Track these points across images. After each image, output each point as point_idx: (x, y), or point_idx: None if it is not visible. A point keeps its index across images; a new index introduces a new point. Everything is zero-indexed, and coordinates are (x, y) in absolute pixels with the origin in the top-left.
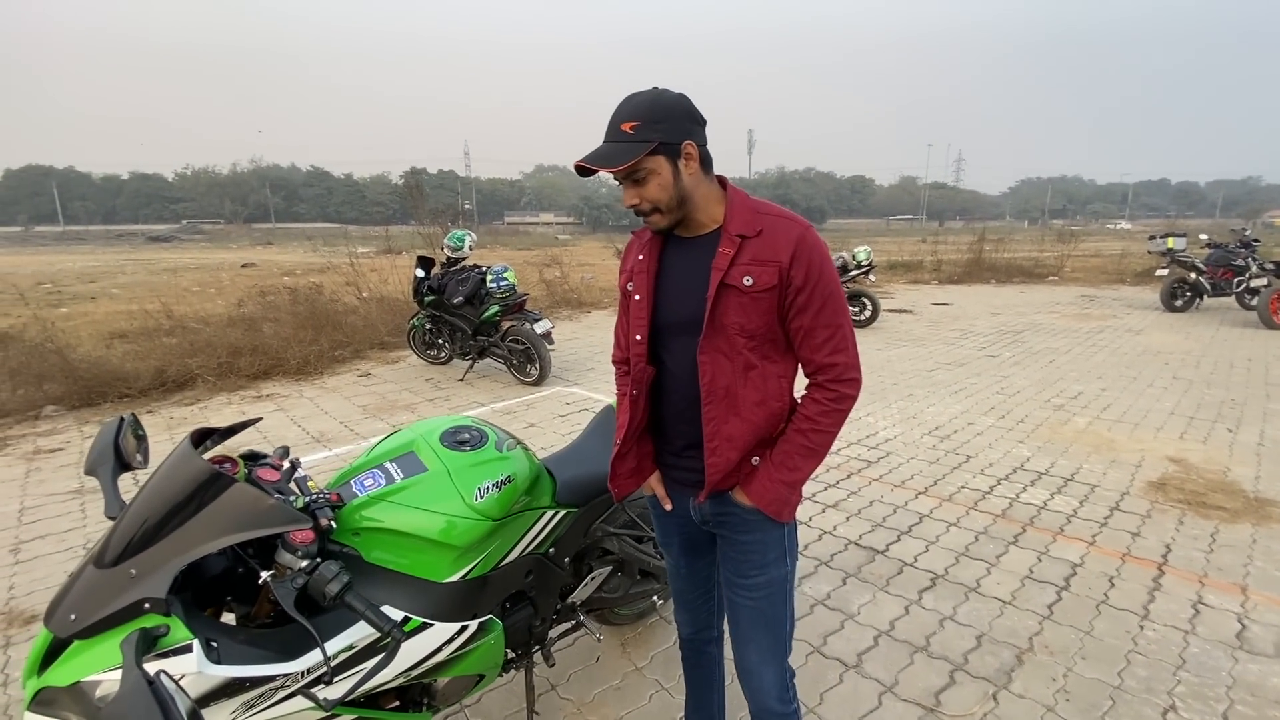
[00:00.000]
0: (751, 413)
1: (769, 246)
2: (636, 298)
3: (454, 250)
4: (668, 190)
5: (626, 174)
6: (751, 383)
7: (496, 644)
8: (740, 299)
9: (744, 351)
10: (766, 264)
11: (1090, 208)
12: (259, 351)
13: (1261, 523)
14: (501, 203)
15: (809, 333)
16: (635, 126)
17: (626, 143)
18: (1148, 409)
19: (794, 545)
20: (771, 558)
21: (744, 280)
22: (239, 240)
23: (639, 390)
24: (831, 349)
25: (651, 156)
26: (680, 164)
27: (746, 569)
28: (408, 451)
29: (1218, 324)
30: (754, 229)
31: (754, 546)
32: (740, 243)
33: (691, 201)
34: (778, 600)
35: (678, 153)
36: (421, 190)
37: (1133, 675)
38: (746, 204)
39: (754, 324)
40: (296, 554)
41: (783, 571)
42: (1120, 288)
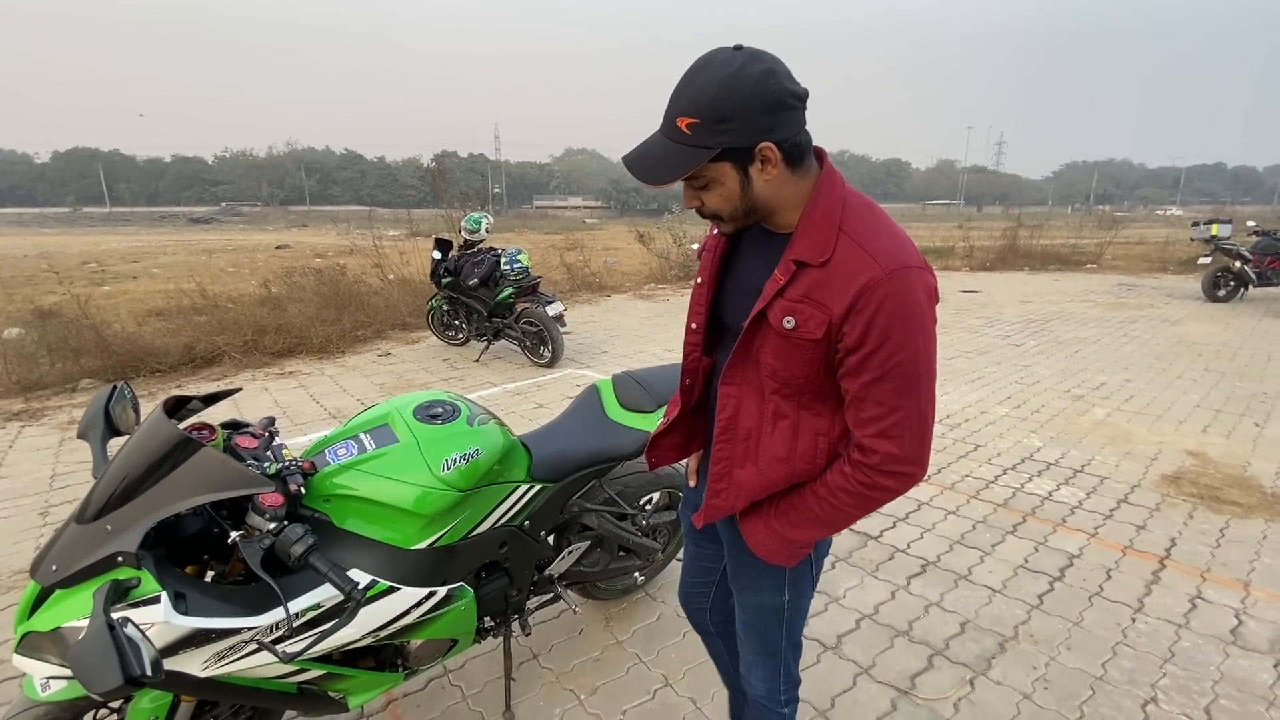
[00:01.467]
0: (771, 467)
1: (828, 284)
2: (698, 280)
3: (471, 233)
4: (731, 201)
5: (687, 179)
6: (780, 434)
7: (467, 611)
8: (779, 341)
9: (775, 396)
10: (818, 307)
11: (1139, 193)
12: (283, 330)
13: (1275, 518)
14: (531, 186)
15: (856, 401)
16: (693, 125)
17: (681, 145)
18: (1173, 401)
19: (802, 577)
20: (765, 584)
21: (785, 321)
22: (275, 222)
23: (693, 380)
24: (877, 431)
25: (713, 164)
26: (753, 170)
27: (740, 584)
28: (382, 423)
29: (1261, 315)
30: (821, 255)
31: (748, 567)
32: (796, 272)
33: (769, 207)
34: (771, 625)
35: (750, 157)
36: (445, 174)
37: (1117, 666)
38: (830, 217)
39: (791, 371)
40: (264, 516)
41: (778, 601)
42: (1162, 276)
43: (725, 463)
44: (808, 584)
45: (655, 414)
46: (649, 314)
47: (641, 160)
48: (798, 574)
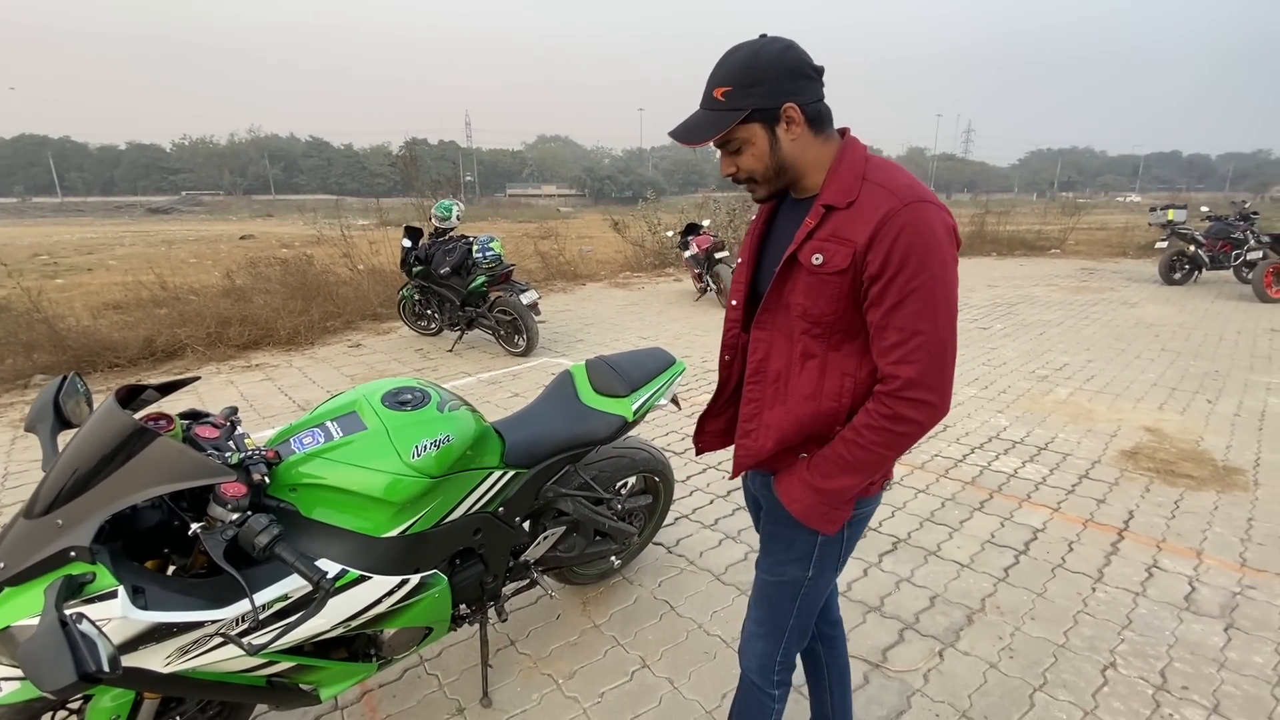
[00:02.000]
0: (799, 406)
1: (852, 221)
2: (739, 260)
3: (441, 220)
4: (763, 160)
5: (720, 141)
6: (807, 373)
7: (442, 598)
8: (808, 279)
9: (804, 337)
10: (843, 242)
11: (1100, 180)
12: (248, 322)
13: (1226, 490)
14: (503, 174)
15: (879, 331)
16: (727, 93)
17: (717, 111)
18: (1131, 380)
19: (829, 556)
20: (790, 557)
21: (813, 258)
22: (238, 212)
23: (731, 356)
24: (898, 357)
25: (745, 125)
26: (779, 130)
27: (767, 550)
28: (350, 411)
29: (1213, 297)
30: (846, 199)
31: (778, 537)
32: (825, 214)
33: (797, 168)
34: (786, 597)
35: (776, 118)
36: (416, 161)
37: (1078, 634)
38: (855, 169)
39: (820, 308)
40: (227, 507)
41: (801, 575)
42: (1122, 260)
43: (755, 404)
44: (832, 566)
45: (629, 398)
46: (624, 302)
47: (684, 128)
48: (825, 552)
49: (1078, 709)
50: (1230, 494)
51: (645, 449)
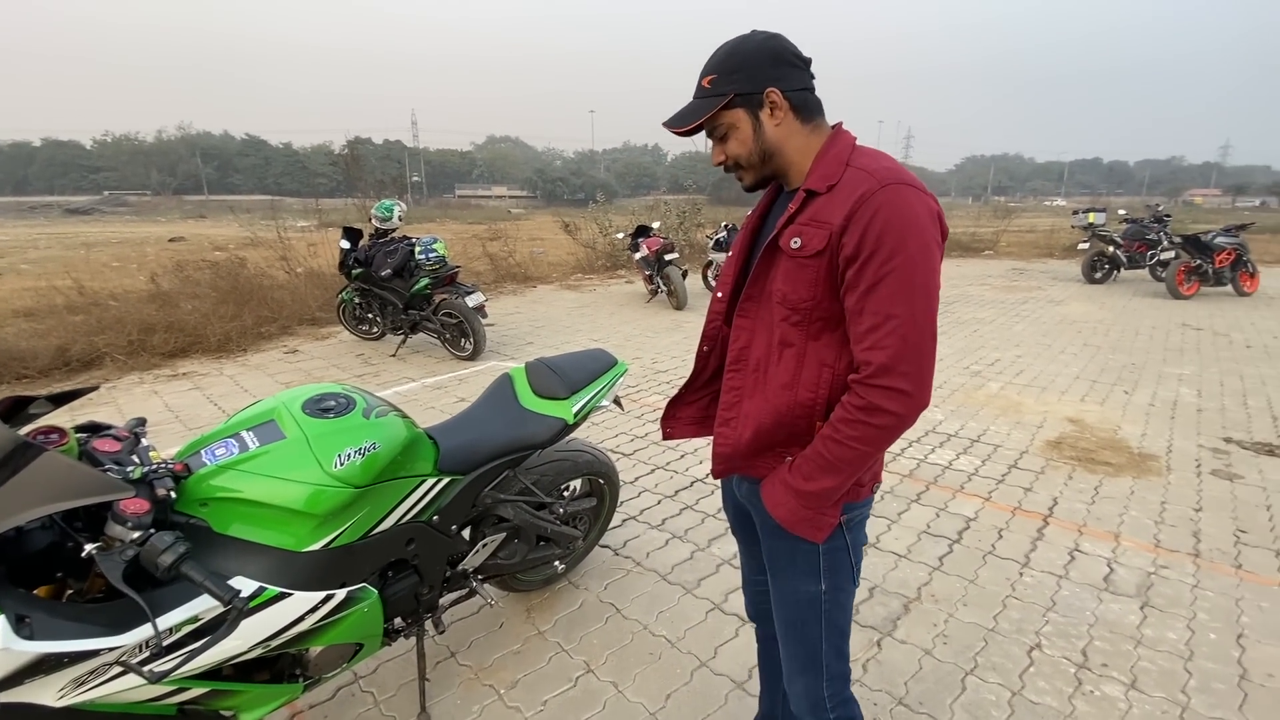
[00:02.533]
0: (777, 395)
1: (831, 205)
2: (730, 253)
3: (382, 221)
4: (747, 145)
5: (709, 131)
6: (785, 362)
7: (371, 612)
8: (788, 264)
9: (783, 324)
10: (821, 224)
11: (1029, 185)
12: (175, 328)
13: (1141, 475)
14: (452, 175)
15: (854, 316)
16: (713, 80)
17: (703, 99)
18: (1057, 374)
19: (839, 565)
20: (796, 571)
21: (791, 242)
22: (168, 213)
23: (710, 348)
24: (871, 343)
25: (729, 110)
26: (763, 115)
27: (774, 569)
28: (268, 420)
29: (1131, 294)
30: (827, 183)
31: (779, 552)
32: (806, 199)
33: (782, 155)
34: (809, 618)
35: (760, 103)
36: (359, 160)
37: (1007, 618)
38: (840, 156)
39: (799, 294)
40: (126, 525)
41: (813, 590)
42: (1049, 261)
43: (735, 392)
44: (846, 576)
45: (569, 400)
46: (576, 304)
47: (675, 116)
48: (834, 561)
49: (1006, 689)
50: (1145, 479)
51: (589, 451)
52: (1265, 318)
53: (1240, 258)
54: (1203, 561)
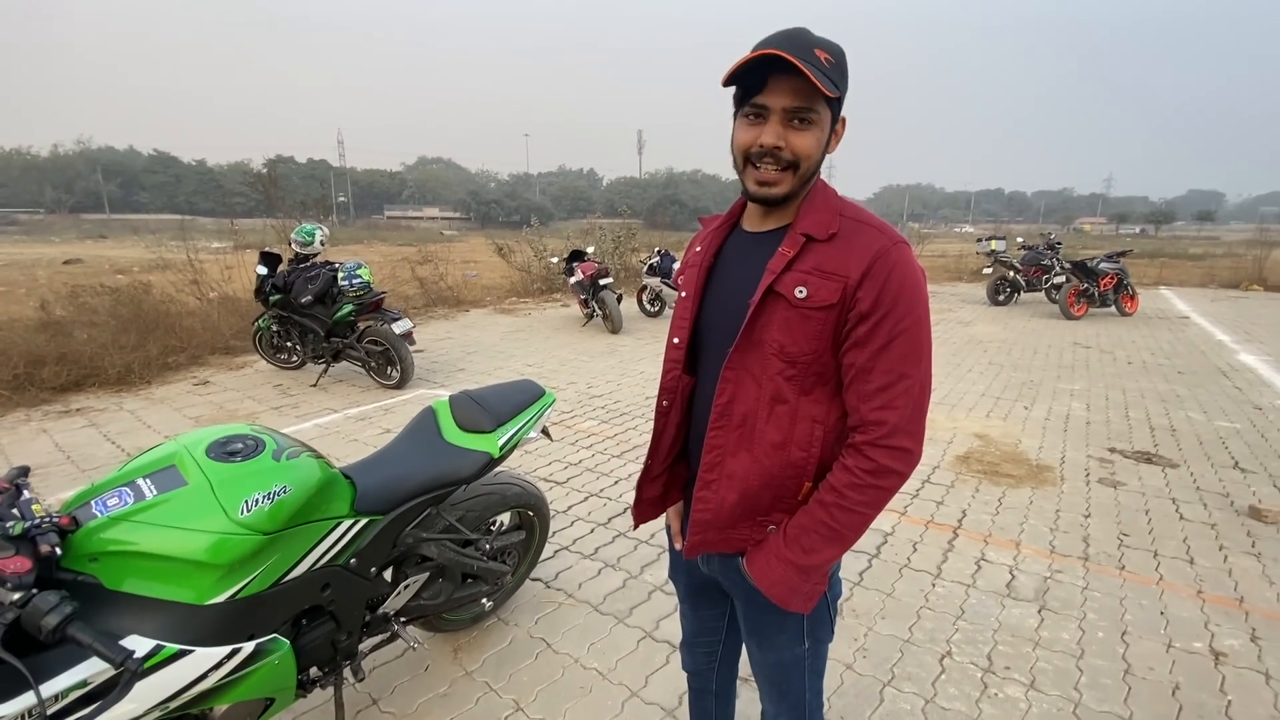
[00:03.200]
0: (767, 455)
1: (839, 256)
2: (682, 295)
3: (303, 245)
4: (818, 152)
5: (796, 108)
6: (776, 419)
7: (283, 664)
8: (788, 313)
9: (777, 378)
10: (830, 276)
11: (940, 212)
12: (69, 360)
13: (1039, 486)
14: (381, 195)
15: (862, 374)
16: (830, 63)
17: (819, 71)
18: (965, 391)
19: (820, 622)
20: (785, 637)
21: (796, 291)
22: (63, 232)
23: (670, 401)
24: (883, 402)
25: (827, 105)
26: (832, 133)
27: (755, 641)
28: (168, 465)
29: (1030, 315)
30: (827, 231)
31: (763, 623)
32: (805, 244)
33: (809, 182)
34: (794, 678)
35: (836, 119)
36: (276, 180)
37: (921, 628)
38: (829, 203)
39: (798, 347)
40: (6, 586)
41: (798, 652)
42: (958, 284)
43: (718, 451)
44: (826, 629)
45: (495, 434)
46: (510, 329)
47: (799, 55)
48: (815, 620)
49: (920, 698)
50: (1042, 489)
51: (517, 483)
52: (1144, 336)
53: (1121, 281)
54: (1091, 565)
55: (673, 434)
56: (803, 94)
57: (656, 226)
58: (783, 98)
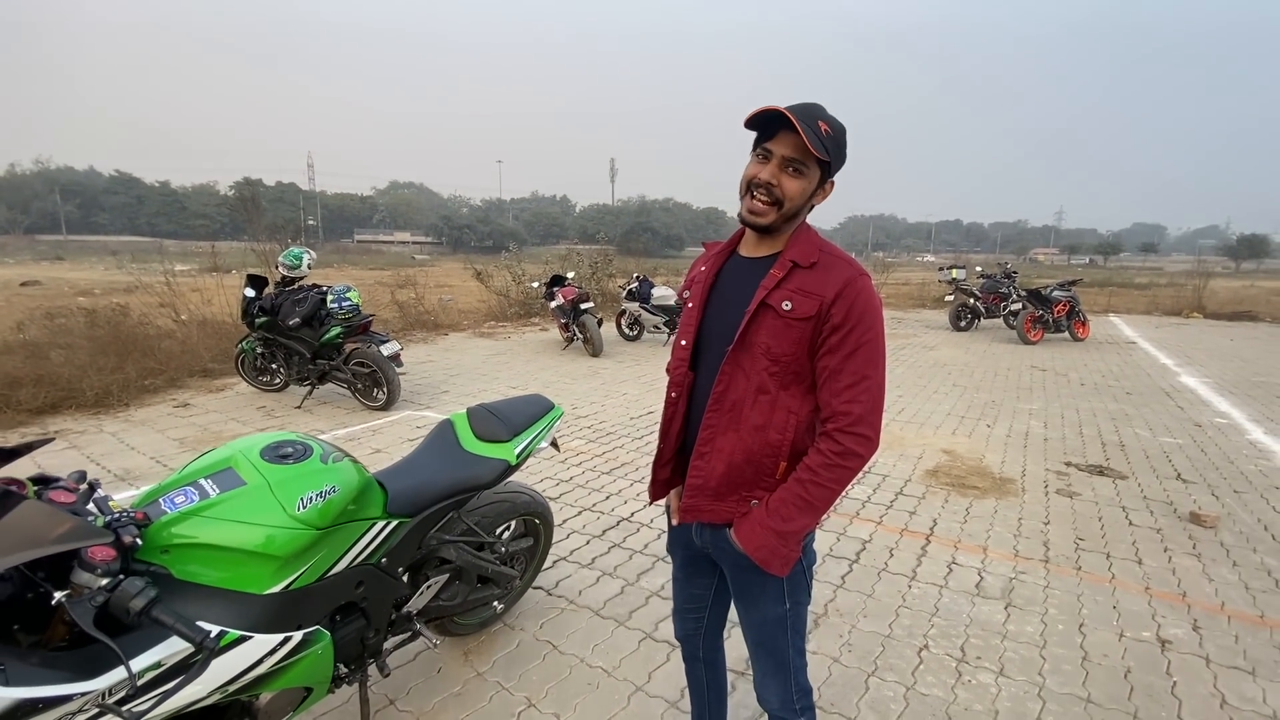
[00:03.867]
0: (750, 434)
1: (818, 280)
2: (689, 305)
3: (290, 269)
4: (801, 198)
5: (792, 158)
6: (760, 406)
7: (324, 655)
8: (775, 322)
9: (763, 374)
10: (810, 295)
11: (904, 242)
12: (44, 382)
13: (1002, 497)
14: (351, 219)
15: (833, 374)
16: (828, 134)
17: (819, 138)
18: (932, 411)
19: (798, 586)
20: (768, 598)
21: (783, 304)
22: (18, 254)
23: (678, 393)
24: (850, 396)
25: (818, 164)
26: (819, 190)
27: (743, 603)
28: (225, 468)
29: (990, 340)
30: (809, 260)
31: (748, 585)
32: (792, 269)
33: (792, 223)
34: (778, 635)
35: (824, 181)
36: (258, 203)
37: (900, 625)
38: (813, 239)
39: (781, 348)
40: (96, 572)
41: (780, 611)
42: (922, 311)
43: (711, 429)
44: (804, 592)
45: (511, 443)
46: (490, 352)
47: (805, 126)
48: (794, 583)
49: (901, 686)
50: (1005, 499)
51: (526, 492)
52: (1095, 359)
53: (1074, 308)
54: (1051, 566)
55: (680, 422)
56: (800, 149)
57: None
58: (784, 147)
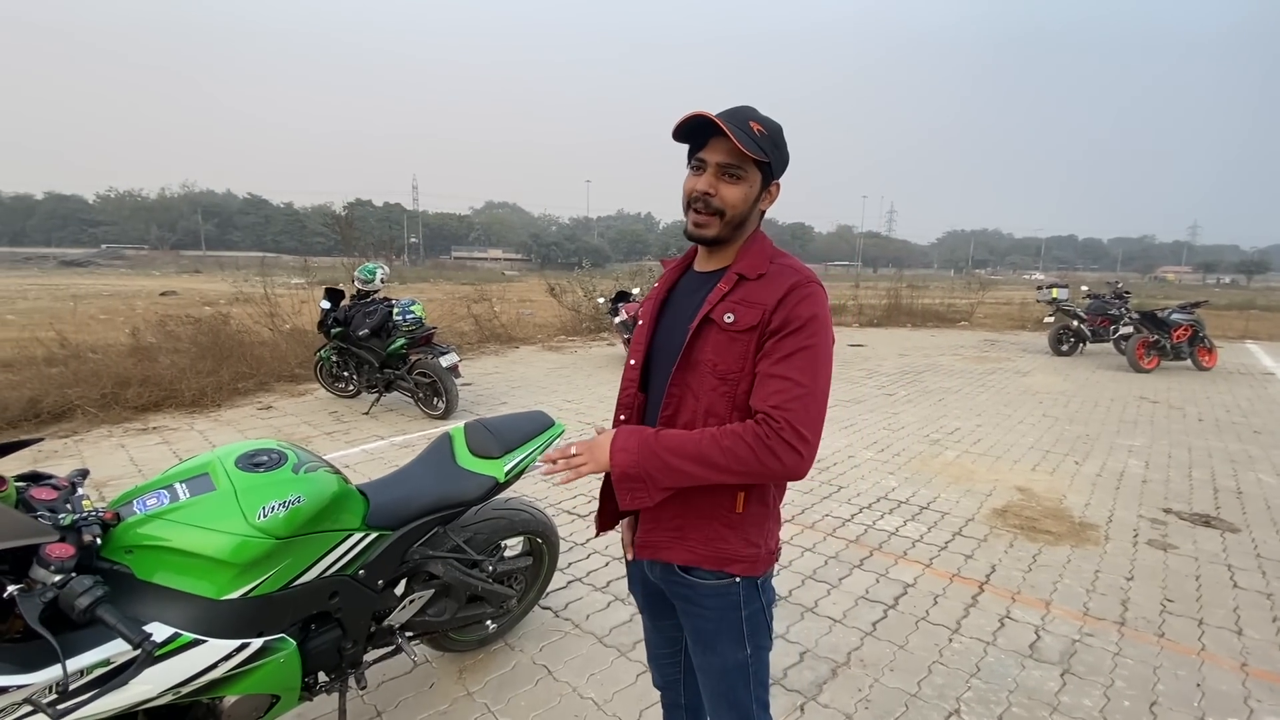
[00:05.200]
0: None
1: (763, 290)
2: (640, 323)
3: (365, 283)
4: (744, 205)
5: (727, 164)
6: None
7: (288, 663)
8: (719, 336)
9: (711, 394)
10: (753, 305)
11: (1009, 259)
12: (150, 382)
13: (1079, 545)
14: (449, 237)
15: (765, 379)
16: (762, 133)
17: (751, 138)
18: (1012, 443)
19: (759, 628)
20: (725, 641)
21: (725, 316)
22: (164, 267)
23: (627, 415)
24: (780, 400)
25: (757, 167)
26: (763, 193)
27: (699, 646)
28: (202, 473)
29: (1095, 367)
30: (756, 272)
31: (705, 625)
32: (738, 282)
33: (742, 233)
34: (738, 684)
35: (768, 184)
36: (351, 222)
37: (930, 684)
38: (764, 250)
39: (727, 364)
40: (49, 568)
41: (739, 656)
42: (1021, 333)
43: None
44: (765, 634)
45: (502, 460)
46: (555, 365)
47: (732, 126)
48: (755, 625)
49: None
50: (1083, 548)
51: (528, 510)
52: (1221, 392)
53: (1197, 333)
54: (1127, 630)
55: None
56: (733, 153)
57: None
58: (717, 154)
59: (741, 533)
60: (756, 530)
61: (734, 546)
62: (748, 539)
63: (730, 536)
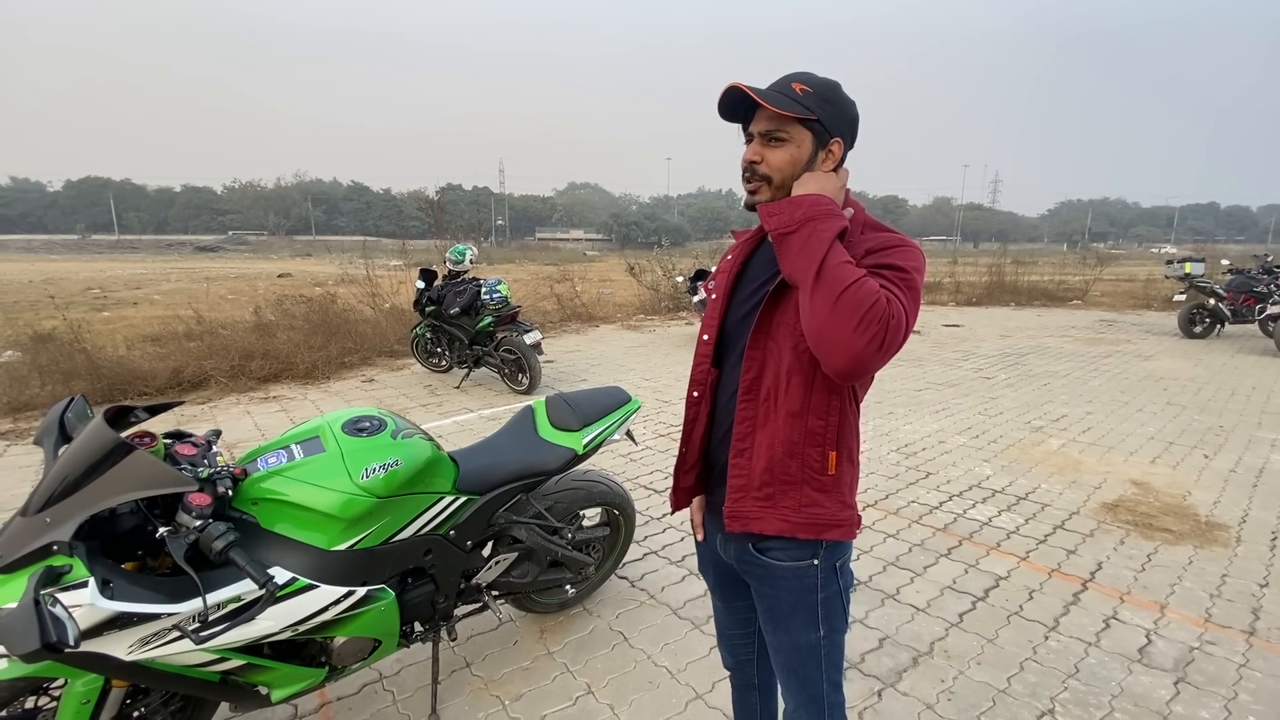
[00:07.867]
0: (787, 422)
1: (849, 248)
2: (712, 296)
3: (455, 264)
4: (794, 167)
5: (768, 130)
6: (793, 390)
7: (388, 612)
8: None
9: (790, 353)
10: None
11: (1134, 231)
12: (270, 356)
13: (1204, 545)
14: (533, 219)
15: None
16: (806, 92)
17: (790, 98)
18: (1128, 433)
19: (834, 611)
20: (797, 621)
21: None
22: (280, 251)
23: (700, 392)
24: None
25: (804, 127)
26: (820, 153)
27: (771, 626)
28: (313, 435)
29: (1234, 351)
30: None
31: (778, 605)
32: None
33: None
34: (810, 663)
35: (825, 143)
36: (443, 206)
37: (1022, 681)
38: (858, 219)
39: None
40: (191, 514)
41: (812, 638)
42: (1144, 313)
43: (749, 422)
44: (840, 618)
45: (580, 433)
46: (633, 344)
47: (766, 91)
48: (830, 608)
49: None
50: (1208, 549)
51: (604, 482)
52: None
53: None
54: (1257, 640)
55: (704, 422)
56: (773, 118)
57: None
58: (760, 123)
59: (836, 495)
60: (850, 490)
61: (829, 510)
62: (843, 500)
63: (824, 501)
